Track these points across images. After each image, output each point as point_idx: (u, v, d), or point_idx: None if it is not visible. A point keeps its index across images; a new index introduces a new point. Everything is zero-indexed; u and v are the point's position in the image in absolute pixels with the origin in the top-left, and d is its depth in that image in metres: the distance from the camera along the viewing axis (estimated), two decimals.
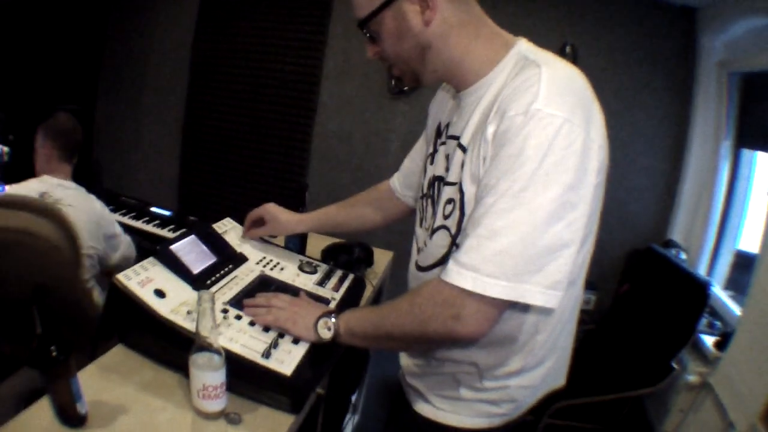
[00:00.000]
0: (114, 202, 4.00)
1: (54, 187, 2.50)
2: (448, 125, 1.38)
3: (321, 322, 1.36)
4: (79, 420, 1.18)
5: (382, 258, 2.53)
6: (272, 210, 1.96)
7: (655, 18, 3.60)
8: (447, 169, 1.31)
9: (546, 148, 1.02)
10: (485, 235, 1.06)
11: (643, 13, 3.61)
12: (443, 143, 1.38)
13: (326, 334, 1.35)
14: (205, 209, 4.97)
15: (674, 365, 2.67)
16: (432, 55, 1.23)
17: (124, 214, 3.88)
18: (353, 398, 2.62)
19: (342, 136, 4.53)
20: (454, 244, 1.25)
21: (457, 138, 1.27)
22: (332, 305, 1.70)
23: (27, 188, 2.50)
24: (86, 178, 2.73)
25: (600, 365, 3.17)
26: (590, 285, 3.87)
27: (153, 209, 4.03)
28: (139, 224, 3.84)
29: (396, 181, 1.87)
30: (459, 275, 1.08)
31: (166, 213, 4.02)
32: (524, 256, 1.04)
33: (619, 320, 3.41)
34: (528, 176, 1.02)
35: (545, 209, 1.03)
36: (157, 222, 3.90)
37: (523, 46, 1.21)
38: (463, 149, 1.23)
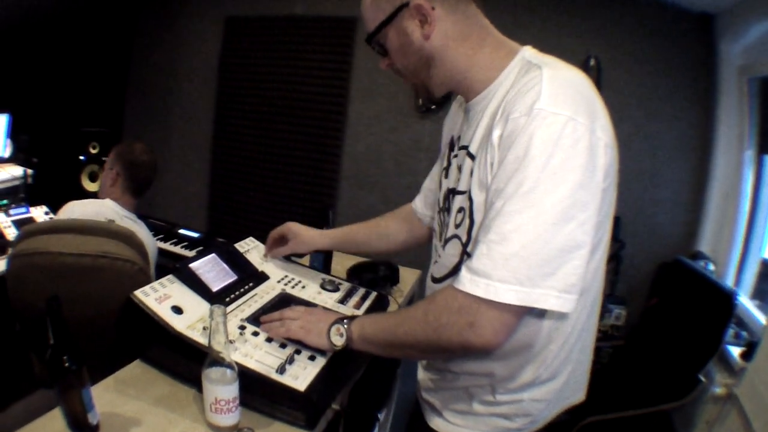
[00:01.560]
0: None
1: (121, 218, 2.51)
2: (459, 137, 1.39)
3: (333, 329, 1.35)
4: (90, 430, 1.19)
5: (409, 276, 2.52)
6: (294, 228, 1.96)
7: (674, 27, 3.57)
8: (458, 180, 1.32)
9: (552, 147, 1.02)
10: (495, 239, 1.05)
11: (663, 23, 3.59)
12: (455, 156, 1.39)
13: (339, 341, 1.34)
14: (234, 230, 4.94)
15: (701, 378, 2.63)
16: (436, 67, 1.25)
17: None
18: (380, 415, 2.59)
19: (371, 156, 4.54)
20: (465, 253, 1.25)
21: (466, 147, 1.28)
22: None
23: (91, 211, 2.47)
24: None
25: (629, 380, 3.14)
26: (620, 300, 3.83)
27: (181, 231, 4.07)
28: (166, 246, 3.88)
29: (417, 202, 1.87)
30: (471, 282, 1.07)
31: (194, 234, 4.06)
32: (537, 259, 1.03)
33: (647, 334, 3.37)
34: (535, 176, 1.02)
35: (555, 209, 1.02)
36: (185, 243, 3.94)
37: (528, 52, 1.22)
38: (472, 157, 1.24)
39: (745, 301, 3.25)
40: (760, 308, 3.17)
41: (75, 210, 2.44)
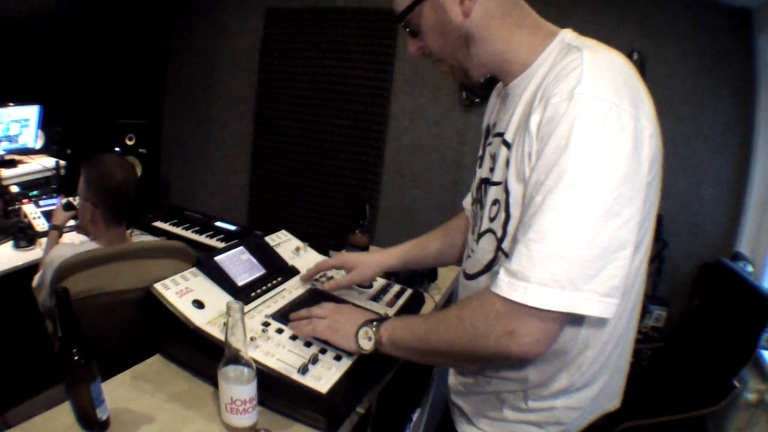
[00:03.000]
0: (177, 216, 4.04)
1: None
2: (494, 125, 1.32)
3: (362, 332, 1.29)
4: (99, 425, 1.16)
5: (448, 273, 2.42)
6: (349, 258, 1.78)
7: (714, 21, 3.49)
8: (492, 170, 1.25)
9: (595, 135, 0.94)
10: (535, 238, 0.98)
11: (703, 18, 3.51)
12: (489, 143, 1.33)
13: (367, 345, 1.27)
14: (275, 223, 4.89)
15: (735, 383, 2.57)
16: (476, 47, 1.17)
17: (187, 228, 3.91)
18: (414, 415, 2.54)
19: (414, 149, 4.48)
20: (500, 249, 1.18)
21: (501, 134, 1.21)
22: None
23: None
24: (154, 193, 2.68)
25: (666, 384, 3.09)
26: (661, 301, 3.75)
27: (218, 223, 4.05)
28: (202, 238, 3.87)
29: (465, 201, 1.77)
30: (509, 286, 1.00)
31: (231, 227, 4.04)
32: (578, 260, 0.95)
33: (687, 337, 3.31)
34: (578, 168, 0.94)
35: (599, 204, 0.94)
36: (221, 236, 3.92)
37: (568, 35, 1.15)
38: (508, 145, 1.16)
39: None
40: None
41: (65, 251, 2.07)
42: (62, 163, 3.83)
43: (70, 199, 2.78)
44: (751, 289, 2.74)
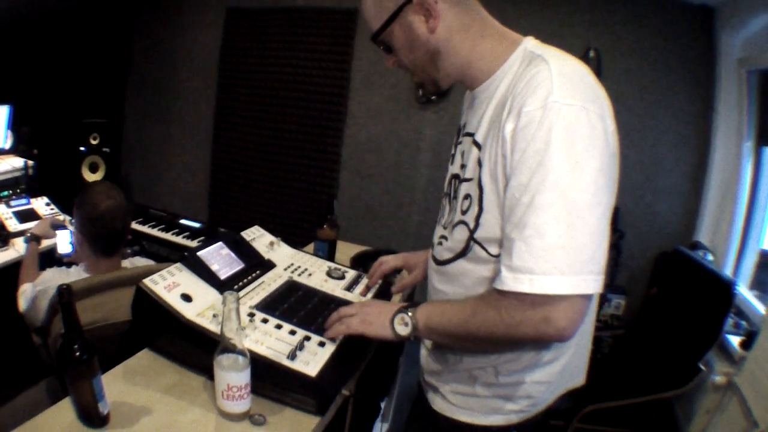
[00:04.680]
0: (143, 215, 4.04)
1: None
2: (465, 125, 1.42)
3: (398, 318, 1.35)
4: (100, 420, 1.19)
5: None
6: (410, 258, 1.90)
7: (675, 19, 3.58)
8: (462, 166, 1.34)
9: (571, 136, 1.04)
10: (532, 234, 1.07)
11: (663, 15, 3.60)
12: (460, 142, 1.42)
13: (404, 330, 1.33)
14: (236, 220, 4.99)
15: (701, 366, 2.65)
16: (442, 59, 1.28)
17: (153, 227, 3.92)
18: (382, 403, 2.60)
19: (371, 146, 4.53)
20: (472, 239, 1.27)
21: (471, 135, 1.30)
22: None
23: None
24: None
25: (629, 369, 3.16)
26: (620, 289, 3.86)
27: (182, 221, 4.08)
28: (168, 236, 3.89)
29: None
30: (515, 281, 1.09)
31: (196, 225, 4.07)
32: (574, 247, 1.05)
33: (648, 324, 3.38)
34: (560, 166, 1.04)
35: (583, 196, 1.05)
36: (186, 234, 3.94)
37: (530, 43, 1.25)
38: (478, 146, 1.26)
39: (744, 291, 3.28)
40: (759, 298, 3.20)
41: (58, 279, 2.11)
42: (30, 163, 3.80)
43: (67, 221, 2.78)
44: (713, 276, 2.83)
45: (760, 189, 3.41)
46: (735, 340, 2.89)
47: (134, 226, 3.88)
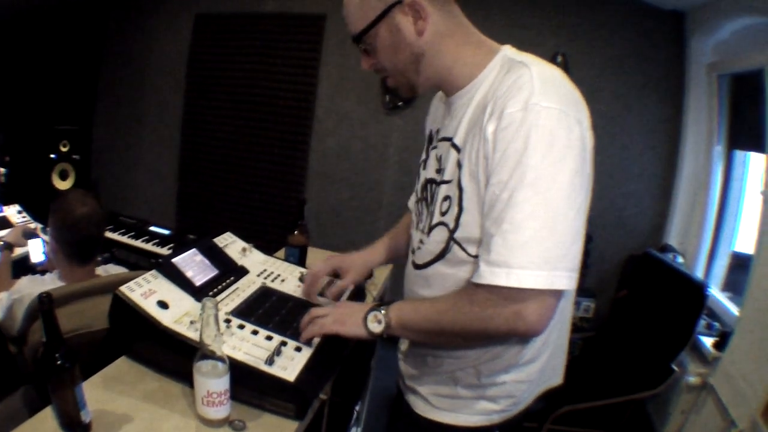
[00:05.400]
0: (113, 222, 4.02)
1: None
2: (438, 130, 1.43)
3: (371, 316, 1.36)
4: (82, 428, 1.18)
5: (381, 271, 2.53)
6: (340, 261, 1.85)
7: (645, 24, 3.64)
8: (439, 171, 1.36)
9: (550, 137, 1.07)
10: (509, 229, 1.09)
11: (633, 20, 3.65)
12: (434, 147, 1.43)
13: (378, 328, 1.34)
14: (204, 227, 4.95)
15: (674, 367, 2.69)
16: (425, 63, 1.28)
17: (123, 234, 3.90)
18: (356, 407, 2.62)
19: (340, 151, 4.56)
20: (452, 239, 1.29)
21: (449, 139, 1.31)
22: None
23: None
24: None
25: (601, 371, 3.19)
26: (589, 292, 3.90)
27: (152, 228, 4.06)
28: (138, 243, 3.87)
29: (410, 201, 1.84)
30: (492, 274, 1.11)
31: (165, 232, 4.05)
32: (550, 242, 1.08)
33: (618, 326, 3.43)
34: (538, 165, 1.07)
35: (560, 195, 1.08)
36: (156, 241, 3.92)
37: (509, 50, 1.27)
38: (457, 148, 1.27)
39: (716, 292, 3.32)
40: (732, 300, 3.23)
41: (34, 288, 2.06)
42: (2, 170, 3.76)
43: (39, 229, 2.75)
44: (684, 279, 2.88)
45: (731, 192, 3.47)
46: (708, 341, 2.93)
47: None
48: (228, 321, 1.49)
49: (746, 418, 2.38)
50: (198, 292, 1.57)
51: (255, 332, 1.47)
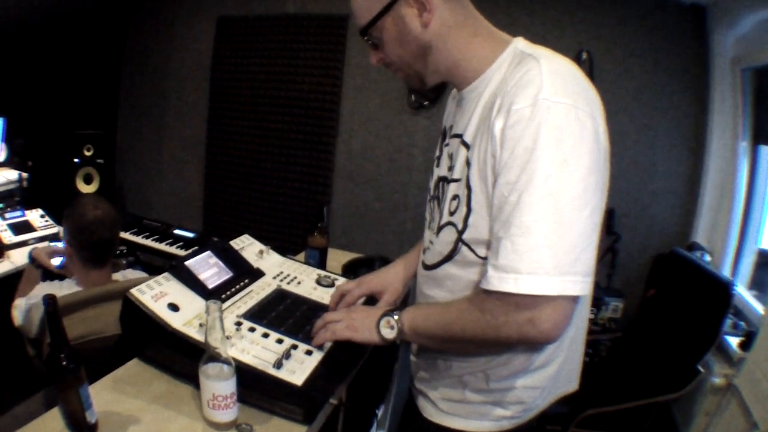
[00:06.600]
0: (137, 225, 4.04)
1: None
2: (451, 127, 1.40)
3: (383, 322, 1.35)
4: (88, 429, 1.19)
5: None
6: (374, 283, 1.75)
7: (667, 19, 3.59)
8: (450, 168, 1.32)
9: (560, 134, 1.03)
10: (518, 233, 1.05)
11: (655, 15, 3.61)
12: (447, 144, 1.40)
13: (390, 334, 1.33)
14: (230, 229, 4.94)
15: (700, 368, 2.63)
16: (433, 55, 1.25)
17: (147, 237, 3.93)
18: (378, 411, 2.60)
19: (365, 153, 4.54)
20: (461, 240, 1.26)
21: (460, 135, 1.28)
22: None
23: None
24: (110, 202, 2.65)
25: (627, 373, 3.13)
26: (617, 292, 3.84)
27: (176, 231, 4.08)
28: (162, 246, 3.89)
29: None
30: (500, 280, 1.07)
31: (190, 234, 4.06)
32: (561, 247, 1.03)
33: (645, 326, 3.36)
34: (548, 165, 1.03)
35: (571, 195, 1.03)
36: (180, 243, 3.94)
37: (520, 43, 1.23)
38: (467, 146, 1.24)
39: (742, 291, 3.26)
40: (758, 298, 3.18)
41: (47, 290, 2.13)
42: (24, 175, 3.81)
43: (61, 233, 2.79)
44: (711, 277, 2.81)
45: (756, 188, 3.40)
46: (734, 341, 2.88)
47: (128, 236, 3.90)
48: (239, 324, 1.49)
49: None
50: (210, 295, 1.56)
51: (266, 335, 1.46)
